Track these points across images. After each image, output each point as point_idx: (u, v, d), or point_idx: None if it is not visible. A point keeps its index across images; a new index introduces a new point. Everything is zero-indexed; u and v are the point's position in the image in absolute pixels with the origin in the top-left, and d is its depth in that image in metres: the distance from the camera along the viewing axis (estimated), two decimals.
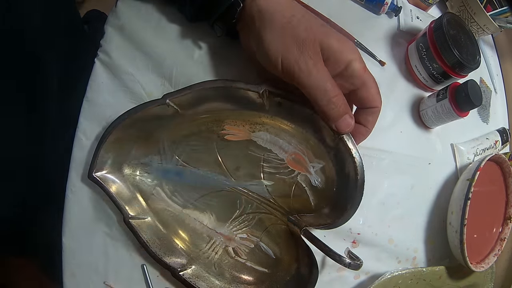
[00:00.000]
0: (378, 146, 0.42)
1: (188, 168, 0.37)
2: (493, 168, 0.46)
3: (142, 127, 0.34)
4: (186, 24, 0.37)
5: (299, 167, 0.36)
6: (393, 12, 0.48)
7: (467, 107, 0.41)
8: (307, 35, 0.28)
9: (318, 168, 0.35)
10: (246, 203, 0.38)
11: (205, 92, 0.33)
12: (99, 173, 0.34)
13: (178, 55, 0.37)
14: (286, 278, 0.36)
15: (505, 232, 0.47)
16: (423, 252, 0.45)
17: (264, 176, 0.37)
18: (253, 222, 0.38)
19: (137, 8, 0.38)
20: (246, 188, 0.37)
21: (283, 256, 0.37)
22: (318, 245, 0.33)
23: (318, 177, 0.35)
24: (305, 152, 0.35)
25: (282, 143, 0.35)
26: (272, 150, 0.36)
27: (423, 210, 0.45)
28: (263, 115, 0.35)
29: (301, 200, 0.37)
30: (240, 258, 0.37)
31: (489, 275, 0.48)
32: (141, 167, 0.37)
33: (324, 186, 0.35)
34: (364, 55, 0.44)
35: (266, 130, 0.35)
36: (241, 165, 0.37)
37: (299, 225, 0.34)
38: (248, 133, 0.36)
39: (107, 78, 0.38)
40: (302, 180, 0.36)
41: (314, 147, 0.35)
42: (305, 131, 0.34)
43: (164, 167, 0.37)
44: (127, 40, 0.38)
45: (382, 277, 0.39)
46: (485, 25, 0.50)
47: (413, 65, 0.46)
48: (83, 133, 0.37)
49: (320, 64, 0.28)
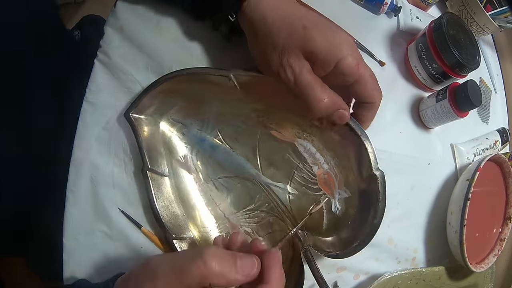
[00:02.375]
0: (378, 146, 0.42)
1: (224, 145, 0.36)
2: (493, 168, 0.46)
3: (197, 89, 0.34)
4: (185, 24, 0.37)
5: (327, 189, 0.35)
6: (392, 12, 0.47)
7: (466, 107, 0.41)
8: (286, 42, 0.27)
9: (343, 196, 0.35)
10: (263, 201, 0.37)
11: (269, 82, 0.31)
12: (136, 115, 0.34)
13: (178, 55, 0.37)
14: None
15: (505, 232, 0.47)
16: (423, 253, 0.45)
17: (292, 183, 0.37)
18: (262, 221, 0.38)
19: (136, 8, 0.38)
20: (269, 187, 0.37)
21: None
22: (312, 268, 0.32)
23: (339, 205, 0.35)
24: (337, 176, 0.35)
25: (320, 158, 0.35)
26: (308, 162, 0.36)
27: (422, 210, 0.45)
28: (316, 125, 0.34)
29: (315, 219, 0.36)
30: None
31: (489, 275, 0.48)
32: (179, 126, 0.36)
33: (341, 215, 0.35)
34: (364, 55, 0.44)
35: (312, 141, 0.35)
36: (274, 164, 0.37)
37: (303, 242, 0.34)
38: (294, 137, 0.35)
39: (106, 78, 0.38)
40: (324, 202, 0.36)
41: (348, 175, 0.34)
42: (347, 156, 0.34)
43: (202, 135, 0.36)
44: (126, 41, 0.38)
45: (381, 278, 0.39)
46: (485, 25, 0.50)
47: (413, 65, 0.46)
48: (83, 133, 0.37)
49: (302, 70, 0.28)
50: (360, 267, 0.41)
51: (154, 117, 0.35)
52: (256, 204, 0.37)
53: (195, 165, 0.37)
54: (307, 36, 0.27)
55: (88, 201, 0.37)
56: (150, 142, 0.35)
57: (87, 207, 0.37)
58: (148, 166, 0.34)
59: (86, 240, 0.37)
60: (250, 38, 0.30)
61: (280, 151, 0.36)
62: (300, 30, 0.27)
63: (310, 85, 0.28)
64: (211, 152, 0.37)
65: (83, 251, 0.37)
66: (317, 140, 0.35)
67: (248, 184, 0.37)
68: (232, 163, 0.37)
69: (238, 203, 0.38)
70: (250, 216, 0.38)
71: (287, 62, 0.27)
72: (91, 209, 0.37)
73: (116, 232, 0.37)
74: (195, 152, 0.37)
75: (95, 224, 0.37)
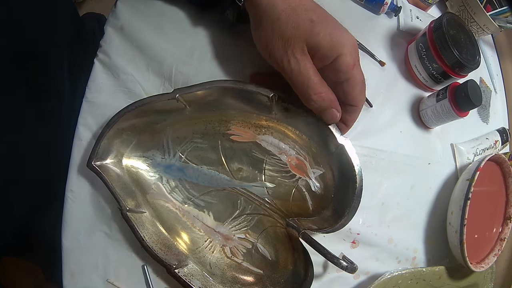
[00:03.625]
0: (378, 146, 0.42)
1: (191, 165, 0.37)
2: (493, 168, 0.46)
3: (148, 120, 0.34)
4: (185, 24, 0.37)
5: (300, 172, 0.36)
6: (392, 12, 0.48)
7: (467, 107, 0.41)
8: (293, 33, 0.28)
9: (318, 174, 0.36)
10: (245, 204, 0.38)
11: (215, 91, 0.33)
12: (99, 163, 0.34)
13: (178, 55, 0.37)
14: (281, 280, 0.36)
15: (505, 232, 0.47)
16: (423, 252, 0.45)
17: (266, 179, 0.37)
18: (252, 223, 0.38)
19: (136, 8, 0.38)
20: (246, 189, 0.38)
21: (280, 258, 0.37)
22: (316, 247, 0.33)
23: (317, 183, 0.36)
24: (307, 158, 0.36)
25: (285, 147, 0.36)
26: (275, 153, 0.36)
27: (423, 210, 0.45)
28: (270, 118, 0.35)
29: (300, 204, 0.37)
30: (236, 258, 0.37)
31: (489, 275, 0.48)
32: (142, 160, 0.37)
33: (323, 192, 0.36)
34: (364, 55, 0.44)
35: (271, 133, 0.36)
36: (244, 166, 0.37)
37: (298, 228, 0.35)
38: (254, 135, 0.36)
39: (106, 78, 0.38)
40: (302, 185, 0.36)
41: (316, 154, 0.35)
42: (309, 138, 0.35)
43: (167, 162, 0.37)
44: (126, 40, 0.38)
45: (381, 277, 0.39)
46: (485, 25, 0.50)
47: (413, 65, 0.46)
48: (83, 133, 0.37)
49: (304, 61, 0.28)
50: (360, 267, 0.40)
51: (117, 158, 0.36)
52: (240, 209, 0.38)
53: (169, 193, 0.37)
54: (314, 29, 0.28)
55: (88, 201, 0.37)
56: (121, 184, 0.35)
57: (87, 207, 0.37)
58: (126, 208, 0.34)
59: (86, 240, 0.37)
60: (255, 24, 0.30)
61: (245, 152, 0.37)
62: (307, 22, 0.28)
63: (311, 78, 0.29)
64: (181, 175, 0.37)
65: (83, 251, 0.37)
66: (276, 131, 0.36)
67: (226, 194, 0.38)
68: (204, 179, 0.37)
69: (223, 214, 0.38)
70: (239, 222, 0.38)
71: (292, 52, 0.28)
72: (91, 209, 0.37)
73: (116, 232, 0.37)
74: (166, 180, 0.37)
75: (95, 224, 0.37)
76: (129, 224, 0.34)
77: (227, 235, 0.38)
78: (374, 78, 0.44)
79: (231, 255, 0.38)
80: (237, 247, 0.38)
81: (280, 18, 0.28)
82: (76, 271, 0.37)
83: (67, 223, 0.37)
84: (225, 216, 0.38)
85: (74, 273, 0.37)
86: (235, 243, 0.38)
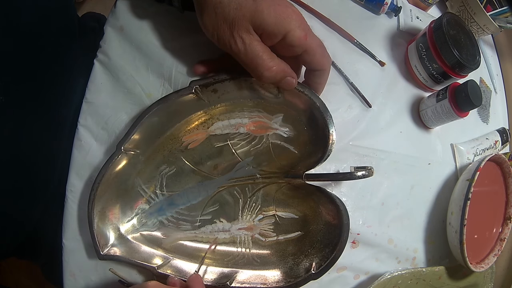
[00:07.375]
0: (378, 146, 0.42)
1: (175, 194, 0.38)
2: (493, 168, 0.46)
3: (114, 186, 0.35)
4: (185, 24, 0.37)
5: (264, 130, 0.37)
6: (393, 12, 0.47)
7: (467, 107, 0.41)
8: (236, 14, 0.28)
9: (280, 120, 0.37)
10: (242, 190, 0.38)
11: (151, 120, 0.34)
12: (106, 250, 0.34)
13: (178, 56, 0.37)
14: (320, 226, 0.37)
15: (505, 232, 0.47)
16: (423, 252, 0.45)
17: (242, 157, 0.38)
18: (259, 201, 0.38)
19: (136, 8, 0.38)
20: (233, 178, 0.38)
21: (304, 211, 0.38)
22: (326, 177, 0.34)
23: (285, 128, 0.37)
24: (260, 115, 0.37)
25: (236, 121, 0.37)
26: (234, 132, 0.37)
27: (423, 210, 0.45)
28: (208, 109, 0.36)
29: (285, 155, 0.38)
30: (271, 238, 0.38)
31: (489, 275, 0.48)
32: (136, 220, 0.37)
33: (295, 131, 0.37)
34: (364, 55, 0.44)
35: (217, 119, 0.37)
36: (216, 162, 0.38)
37: (298, 174, 0.35)
38: (205, 131, 0.37)
39: (106, 79, 0.38)
40: (274, 139, 0.37)
41: (266, 106, 0.36)
42: (248, 99, 0.36)
43: (155, 206, 0.37)
44: (126, 41, 0.38)
45: (381, 277, 0.39)
46: (485, 25, 0.50)
47: (413, 65, 0.46)
48: (83, 134, 0.37)
49: (250, 40, 0.29)
50: (360, 267, 0.41)
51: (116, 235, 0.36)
52: (241, 198, 0.38)
53: (175, 229, 0.38)
54: (257, 8, 0.28)
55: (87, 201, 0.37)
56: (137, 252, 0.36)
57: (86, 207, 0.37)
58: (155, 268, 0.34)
59: (86, 240, 0.37)
60: (199, 11, 0.30)
61: (209, 149, 0.38)
62: (250, 2, 0.28)
63: (259, 55, 0.29)
64: (174, 207, 0.38)
65: (83, 251, 0.37)
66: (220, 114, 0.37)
67: (221, 194, 0.38)
68: (194, 196, 0.38)
69: (232, 211, 0.38)
70: (249, 208, 0.38)
71: (237, 33, 0.28)
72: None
73: None
74: (166, 220, 0.38)
75: None
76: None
77: (249, 226, 0.38)
78: (374, 78, 0.44)
79: (265, 239, 0.38)
80: (263, 228, 0.38)
81: (222, 1, 0.28)
82: (76, 271, 0.37)
83: (67, 223, 0.37)
84: (235, 212, 0.38)
85: (75, 273, 0.37)
86: (260, 226, 0.38)
